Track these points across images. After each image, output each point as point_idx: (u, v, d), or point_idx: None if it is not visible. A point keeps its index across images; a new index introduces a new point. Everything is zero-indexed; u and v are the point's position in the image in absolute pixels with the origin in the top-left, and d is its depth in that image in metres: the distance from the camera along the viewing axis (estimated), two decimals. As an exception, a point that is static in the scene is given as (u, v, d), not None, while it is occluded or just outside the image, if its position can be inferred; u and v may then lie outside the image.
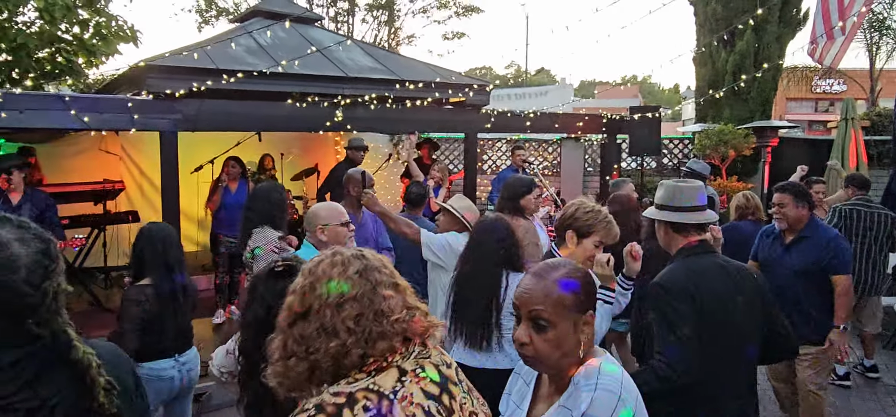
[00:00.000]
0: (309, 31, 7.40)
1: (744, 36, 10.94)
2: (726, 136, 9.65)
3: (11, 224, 1.33)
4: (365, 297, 1.38)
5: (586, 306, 1.70)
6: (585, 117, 8.57)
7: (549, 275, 1.70)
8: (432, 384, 1.39)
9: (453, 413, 1.40)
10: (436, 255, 3.73)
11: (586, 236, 2.90)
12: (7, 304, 1.26)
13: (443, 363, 1.46)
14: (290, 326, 1.39)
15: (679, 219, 2.65)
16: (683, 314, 2.40)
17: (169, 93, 5.36)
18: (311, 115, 6.19)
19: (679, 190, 2.69)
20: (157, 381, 3.32)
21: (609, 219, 2.92)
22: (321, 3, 15.90)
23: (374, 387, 1.32)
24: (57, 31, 6.29)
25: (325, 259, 1.43)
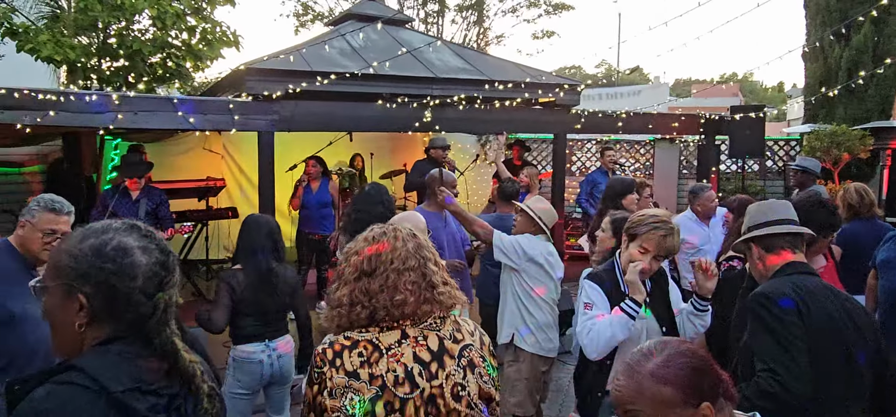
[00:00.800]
0: (399, 33, 7.50)
1: (861, 29, 10.10)
2: (839, 138, 8.93)
3: (139, 232, 1.35)
4: (419, 268, 1.70)
5: (700, 396, 1.39)
6: (682, 117, 8.21)
7: (642, 367, 1.43)
8: (427, 351, 1.67)
9: (436, 378, 1.64)
10: (506, 256, 3.69)
11: (632, 239, 2.79)
12: (121, 311, 1.29)
13: (452, 337, 1.71)
14: (357, 280, 1.68)
15: (767, 232, 2.40)
16: (795, 327, 2.11)
17: (266, 94, 5.58)
18: (400, 116, 6.28)
19: (768, 206, 2.50)
20: (247, 364, 3.46)
21: (658, 227, 2.73)
22: (411, 6, 16.13)
23: (376, 341, 1.64)
24: (168, 38, 6.70)
25: (388, 231, 1.75)
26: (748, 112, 7.88)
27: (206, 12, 7.24)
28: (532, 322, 3.73)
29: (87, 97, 4.81)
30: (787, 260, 2.34)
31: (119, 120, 5.10)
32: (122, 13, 6.10)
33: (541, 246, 3.73)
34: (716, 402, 1.41)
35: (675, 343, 1.48)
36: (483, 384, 1.71)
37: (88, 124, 5.10)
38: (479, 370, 1.72)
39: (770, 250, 2.38)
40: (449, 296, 1.73)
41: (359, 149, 9.07)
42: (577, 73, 46.39)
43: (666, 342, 1.48)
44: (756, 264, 2.44)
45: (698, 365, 1.42)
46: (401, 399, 1.60)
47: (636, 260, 2.73)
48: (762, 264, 2.41)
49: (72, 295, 1.27)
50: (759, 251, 2.41)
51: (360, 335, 1.66)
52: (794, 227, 2.41)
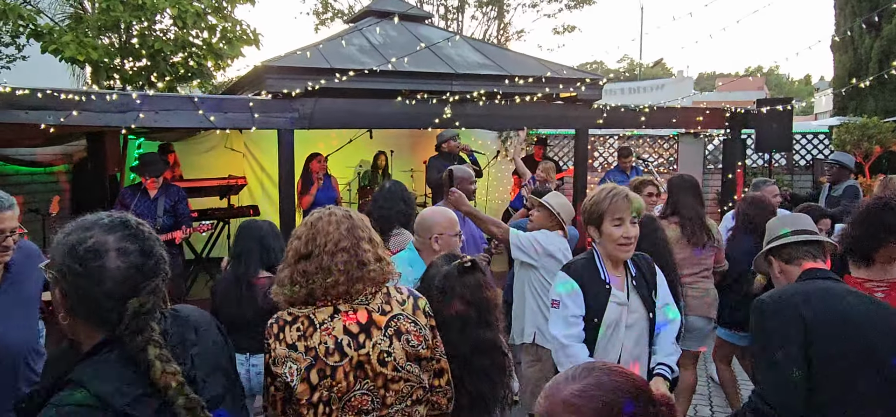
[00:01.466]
0: (418, 29, 7.46)
1: (893, 19, 9.83)
2: (871, 130, 8.71)
3: (124, 231, 1.32)
4: (351, 249, 1.89)
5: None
6: (706, 111, 8.05)
7: (560, 391, 1.24)
8: (356, 324, 1.89)
9: (363, 348, 1.87)
10: (525, 253, 3.62)
11: (601, 222, 2.67)
12: (95, 312, 1.27)
13: (380, 310, 1.92)
14: (296, 263, 1.89)
15: (784, 242, 2.38)
16: (782, 336, 2.06)
17: (286, 92, 5.58)
18: (420, 113, 6.24)
19: (786, 219, 2.50)
20: None
21: (615, 194, 2.66)
22: (431, 2, 16.09)
23: (311, 316, 1.87)
24: (188, 37, 6.73)
25: (324, 216, 1.93)
26: (775, 105, 7.68)
27: (227, 11, 7.26)
28: None
29: (109, 96, 4.83)
30: (805, 269, 2.29)
31: (141, 119, 5.13)
32: (143, 13, 6.14)
33: (558, 241, 3.66)
34: None
35: (601, 372, 1.28)
36: (410, 348, 1.93)
37: (111, 124, 5.13)
38: (407, 336, 1.93)
39: (790, 261, 2.36)
40: (380, 272, 1.94)
41: (379, 146, 9.06)
42: (599, 68, 45.95)
43: (592, 369, 1.30)
44: (778, 277, 2.43)
45: (614, 401, 1.23)
46: (331, 367, 1.83)
47: (624, 234, 2.64)
48: (784, 277, 2.38)
49: (55, 286, 1.29)
50: (779, 263, 2.40)
51: (299, 311, 1.89)
52: (812, 236, 2.38)
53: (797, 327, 2.04)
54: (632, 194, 2.68)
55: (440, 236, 2.95)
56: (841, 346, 2.01)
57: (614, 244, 2.65)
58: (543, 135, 11.60)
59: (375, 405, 1.89)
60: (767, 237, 2.49)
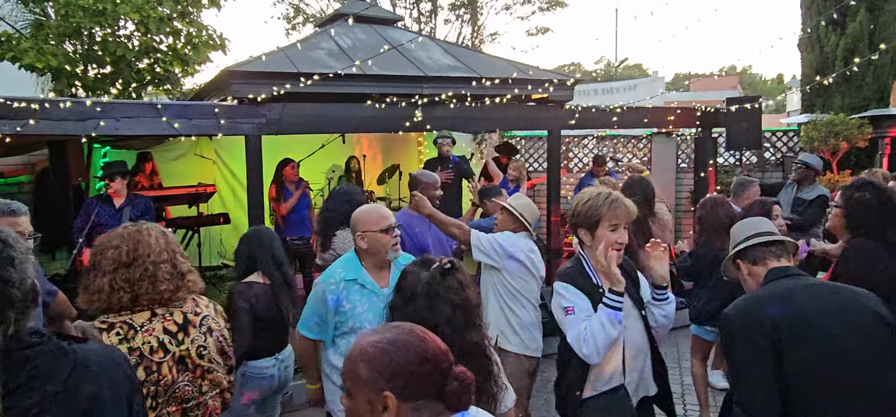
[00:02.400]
0: (388, 32, 7.40)
1: (856, 16, 10.00)
2: (838, 127, 8.83)
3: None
4: (170, 260, 2.14)
5: (387, 384, 1.34)
6: (677, 110, 8.11)
7: (360, 341, 1.42)
8: (174, 324, 2.15)
9: (183, 344, 2.14)
10: (486, 255, 3.59)
11: (596, 227, 2.66)
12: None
13: (193, 312, 2.23)
14: (115, 271, 2.05)
15: (748, 244, 2.44)
16: (750, 349, 2.12)
17: (252, 97, 5.49)
18: (390, 116, 6.18)
19: (747, 224, 2.55)
20: (258, 380, 3.35)
21: (614, 201, 2.64)
22: (404, 6, 16.04)
23: (130, 320, 2.07)
24: (152, 42, 6.60)
25: (142, 229, 2.14)
26: (744, 103, 7.76)
27: (192, 16, 7.14)
28: (516, 321, 3.63)
29: (64, 104, 4.71)
30: (771, 268, 2.34)
31: (101, 127, 5.00)
32: (104, 19, 6.00)
33: (522, 243, 3.63)
34: (414, 399, 1.35)
35: (405, 329, 1.42)
36: (218, 344, 2.26)
37: (70, 132, 4.99)
38: (216, 333, 2.27)
39: (756, 263, 2.40)
40: (194, 284, 2.24)
41: (351, 150, 8.99)
42: (576, 71, 46.28)
43: (397, 326, 1.45)
44: (747, 281, 2.45)
45: (399, 356, 1.36)
46: (156, 363, 2.06)
47: (617, 240, 2.62)
48: (751, 278, 2.42)
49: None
50: (747, 266, 2.44)
51: (115, 317, 2.06)
52: (774, 236, 2.43)
53: (763, 336, 2.09)
54: (629, 202, 2.69)
55: (365, 233, 2.87)
56: (807, 346, 2.06)
57: (608, 248, 2.63)
58: (516, 137, 11.62)
59: (194, 394, 2.18)
60: (733, 242, 2.54)
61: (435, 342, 1.42)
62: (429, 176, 4.45)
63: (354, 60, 6.27)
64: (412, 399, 1.36)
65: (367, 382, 1.36)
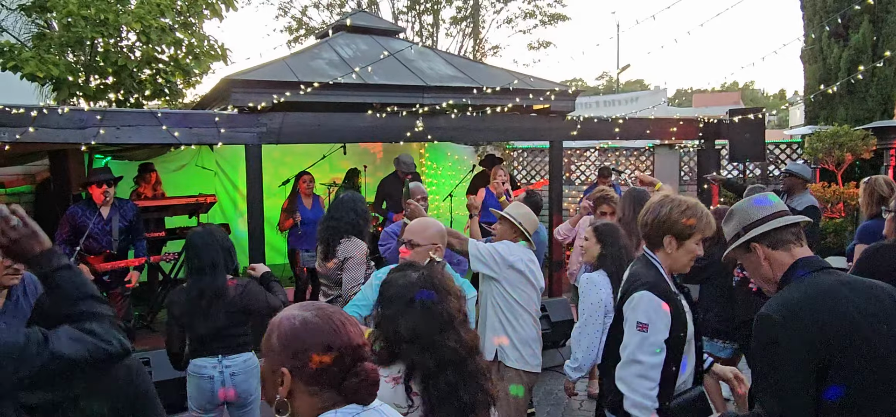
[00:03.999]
0: (389, 43, 7.41)
1: (859, 28, 9.98)
2: (841, 138, 8.78)
3: None
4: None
5: (288, 360, 1.39)
6: (680, 122, 8.07)
7: (288, 310, 1.47)
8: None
9: None
10: (485, 265, 3.53)
11: (687, 238, 2.55)
12: None
13: None
14: None
15: (771, 226, 2.11)
16: (788, 360, 1.85)
17: (252, 106, 5.48)
18: (391, 126, 6.16)
19: (754, 203, 2.21)
20: (197, 378, 3.42)
21: (706, 214, 2.57)
22: (408, 20, 16.10)
23: None
24: (154, 53, 6.61)
25: None
26: (747, 114, 7.73)
27: (195, 27, 7.15)
28: (515, 336, 3.56)
29: (62, 110, 4.69)
30: (796, 257, 2.04)
31: (101, 135, 4.98)
32: (105, 29, 6.01)
33: (521, 252, 3.58)
34: (310, 383, 1.39)
35: (325, 314, 1.45)
36: None
37: (70, 140, 4.98)
38: None
39: (777, 247, 2.08)
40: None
41: (352, 162, 8.97)
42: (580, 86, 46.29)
43: (321, 308, 1.48)
44: (761, 266, 2.11)
45: (305, 338, 1.41)
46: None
47: (695, 254, 2.57)
48: (769, 264, 2.09)
49: None
50: (765, 250, 2.10)
51: None
52: (795, 217, 2.15)
53: (810, 347, 1.83)
54: (713, 223, 2.63)
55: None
56: (851, 356, 1.83)
57: (689, 260, 2.59)
58: (517, 149, 11.61)
59: None
60: (742, 222, 2.19)
61: (348, 334, 1.44)
62: (417, 187, 4.47)
63: (354, 71, 6.27)
64: (308, 383, 1.40)
65: (275, 353, 1.42)
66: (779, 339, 1.86)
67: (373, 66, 6.49)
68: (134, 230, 5.48)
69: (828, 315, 1.85)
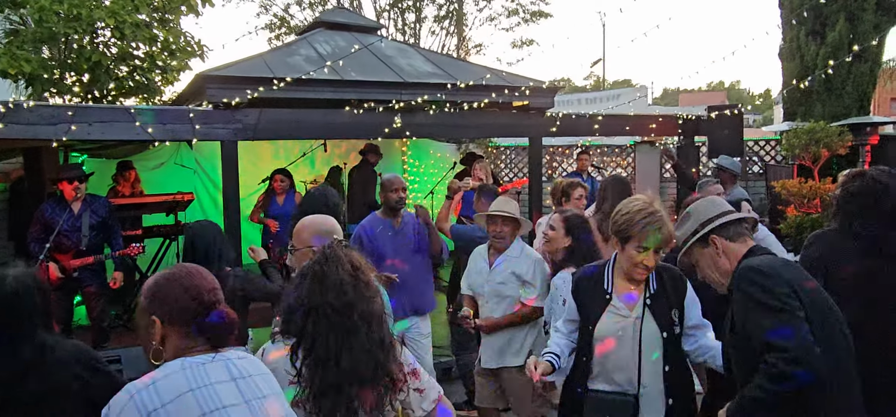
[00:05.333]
0: (368, 40, 7.39)
1: (836, 26, 10.08)
2: (818, 135, 8.86)
3: None
4: None
5: (154, 309, 1.69)
6: (659, 118, 8.12)
7: (155, 275, 1.79)
8: None
9: None
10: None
11: (627, 240, 2.64)
12: None
13: None
14: None
15: (729, 219, 2.29)
16: (780, 287, 1.98)
17: (226, 102, 5.44)
18: (369, 122, 6.14)
19: (712, 201, 2.42)
20: None
21: (651, 222, 2.58)
22: (390, 17, 16.06)
23: None
24: (129, 49, 6.55)
25: None
26: (725, 111, 7.78)
27: (172, 25, 7.09)
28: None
29: (27, 105, 4.64)
30: (750, 245, 2.24)
31: (73, 131, 4.93)
32: (79, 24, 5.94)
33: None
34: (176, 325, 1.67)
35: (182, 267, 1.77)
36: None
37: (40, 136, 4.92)
38: None
39: (734, 239, 2.25)
40: None
41: (333, 159, 8.94)
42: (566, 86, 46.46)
43: (180, 265, 1.80)
44: (718, 259, 2.26)
45: (166, 287, 1.71)
46: None
47: (641, 262, 2.60)
48: (726, 256, 2.25)
49: None
50: (723, 242, 2.25)
51: None
52: (742, 214, 2.34)
53: (790, 289, 1.99)
54: (666, 228, 2.60)
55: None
56: (822, 313, 2.02)
57: (632, 266, 2.64)
58: (500, 146, 11.62)
59: None
60: (699, 219, 2.33)
61: (202, 279, 1.74)
62: (393, 177, 4.47)
63: (333, 67, 6.25)
64: (172, 323, 1.68)
65: (144, 308, 1.70)
66: (768, 273, 2.01)
67: (351, 63, 6.48)
68: (106, 227, 5.42)
69: (793, 272, 2.07)
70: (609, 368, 2.65)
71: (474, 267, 3.86)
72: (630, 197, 2.78)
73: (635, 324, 2.65)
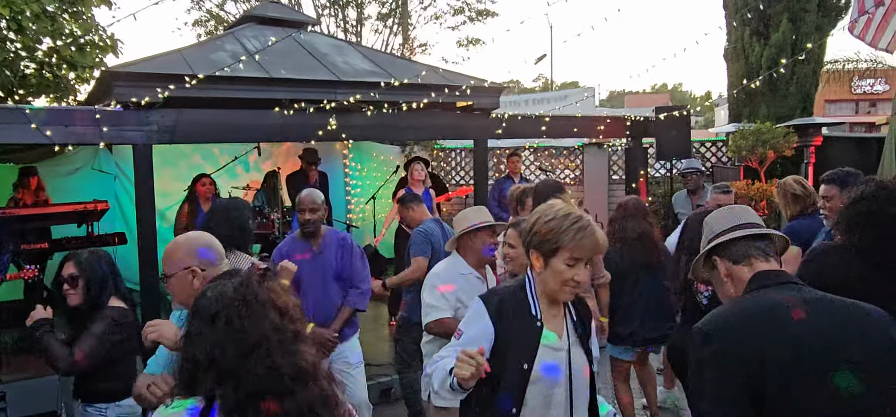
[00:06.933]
0: (302, 36, 6.91)
1: (780, 27, 10.13)
2: (764, 136, 8.84)
3: None
4: None
5: None
6: (607, 119, 7.92)
7: None
8: None
9: None
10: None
11: (553, 255, 2.13)
12: None
13: None
14: None
15: (732, 236, 1.89)
16: (719, 382, 1.66)
17: (134, 101, 4.90)
18: (301, 124, 5.69)
19: (721, 214, 1.99)
20: None
21: (582, 229, 2.11)
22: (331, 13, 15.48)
23: None
24: (29, 42, 5.89)
25: None
26: (673, 111, 7.65)
27: (84, 17, 6.45)
28: None
29: None
30: (756, 271, 1.82)
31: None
32: (-32, 16, 5.29)
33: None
34: None
35: None
36: None
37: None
38: None
39: (739, 261, 1.86)
40: None
41: (271, 164, 8.41)
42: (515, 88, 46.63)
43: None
44: (723, 283, 1.90)
45: None
46: None
47: (572, 277, 2.11)
48: (732, 281, 1.87)
49: None
50: (726, 264, 1.88)
51: None
52: (762, 229, 1.90)
53: (745, 371, 1.62)
54: (599, 233, 2.15)
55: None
56: (798, 389, 1.60)
57: (561, 284, 2.13)
58: (446, 148, 11.28)
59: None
60: (708, 233, 1.98)
61: None
62: (312, 197, 3.95)
63: (262, 63, 5.77)
64: None
65: None
66: (710, 359, 1.68)
67: (282, 60, 6.01)
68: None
69: (770, 333, 1.64)
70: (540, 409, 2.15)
71: (470, 288, 3.29)
72: (546, 202, 2.30)
73: (565, 359, 2.18)
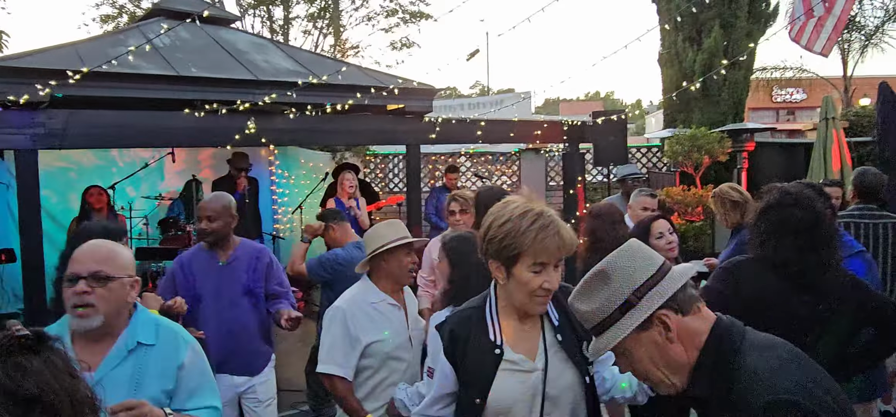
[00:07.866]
0: (220, 33, 6.38)
1: (711, 33, 10.23)
2: (699, 141, 8.86)
3: None
4: None
5: None
6: (544, 124, 7.71)
7: None
8: None
9: None
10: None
11: (514, 262, 1.82)
12: None
13: None
14: None
15: (676, 286, 1.44)
16: None
17: (12, 99, 4.29)
18: (216, 127, 5.17)
19: (639, 251, 1.51)
20: None
21: (544, 223, 1.78)
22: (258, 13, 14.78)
23: None
24: None
25: None
26: (610, 116, 7.52)
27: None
28: None
29: None
30: (710, 321, 1.42)
31: None
32: None
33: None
34: None
35: None
36: None
37: None
38: None
39: (687, 311, 1.42)
40: None
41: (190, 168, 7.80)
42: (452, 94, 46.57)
43: None
44: (667, 347, 1.40)
45: None
46: None
47: (540, 285, 1.78)
48: (681, 340, 1.40)
49: None
50: (677, 319, 1.41)
51: None
52: (691, 265, 1.50)
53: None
54: (565, 230, 1.80)
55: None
56: None
57: (529, 294, 1.82)
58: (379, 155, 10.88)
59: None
60: (632, 284, 1.43)
61: None
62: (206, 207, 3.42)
63: (170, 61, 5.24)
64: None
65: None
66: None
67: (195, 57, 5.49)
68: None
69: (827, 384, 1.34)
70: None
71: (390, 325, 2.74)
72: (501, 201, 1.94)
73: (538, 379, 1.85)
